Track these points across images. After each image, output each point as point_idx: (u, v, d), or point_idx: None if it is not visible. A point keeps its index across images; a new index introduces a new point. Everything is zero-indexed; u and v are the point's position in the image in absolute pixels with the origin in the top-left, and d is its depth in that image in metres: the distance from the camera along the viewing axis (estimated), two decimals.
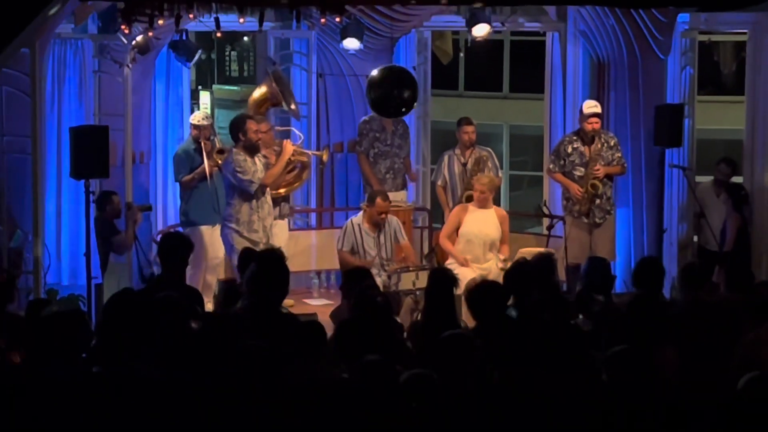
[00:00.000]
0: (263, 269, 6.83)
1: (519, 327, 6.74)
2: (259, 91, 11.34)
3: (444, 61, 14.22)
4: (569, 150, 10.88)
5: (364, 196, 11.41)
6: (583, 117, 10.84)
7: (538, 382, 5.58)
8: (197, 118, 11.22)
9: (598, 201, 10.82)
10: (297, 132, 11.11)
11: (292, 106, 11.33)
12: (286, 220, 11.11)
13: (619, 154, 10.91)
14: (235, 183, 9.91)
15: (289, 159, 10.37)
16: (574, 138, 10.94)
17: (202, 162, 10.85)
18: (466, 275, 9.80)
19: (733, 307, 6.92)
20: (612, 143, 10.90)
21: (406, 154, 11.87)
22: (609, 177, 10.92)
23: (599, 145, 10.82)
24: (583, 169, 10.81)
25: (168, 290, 6.72)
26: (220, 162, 10.68)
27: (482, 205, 10.56)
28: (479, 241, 10.45)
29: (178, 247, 7.89)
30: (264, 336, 6.05)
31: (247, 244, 9.62)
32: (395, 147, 11.65)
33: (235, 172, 9.86)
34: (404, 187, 11.82)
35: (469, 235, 10.48)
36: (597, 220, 10.86)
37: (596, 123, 10.79)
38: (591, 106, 10.87)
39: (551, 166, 11.06)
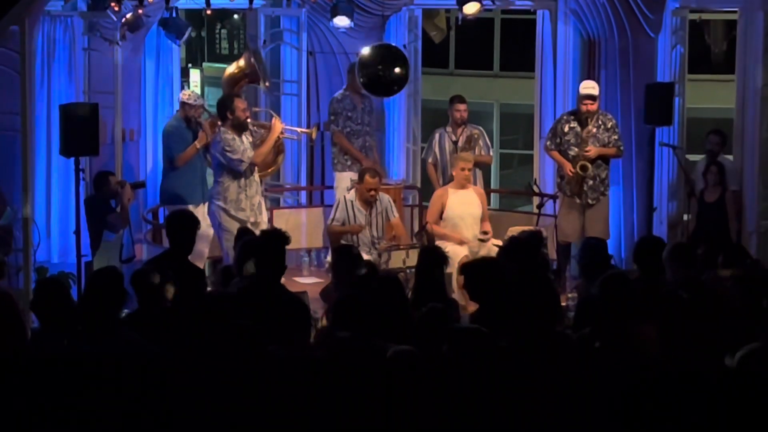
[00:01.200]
0: (268, 249, 6.90)
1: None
2: (236, 66, 11.23)
3: (436, 40, 14.19)
4: (566, 129, 10.84)
5: (334, 175, 11.42)
6: (579, 98, 10.78)
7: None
8: (191, 96, 11.08)
9: (591, 182, 10.78)
10: (271, 112, 11.01)
11: (266, 84, 11.27)
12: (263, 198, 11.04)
13: (616, 137, 10.84)
14: (224, 162, 9.86)
15: (278, 137, 10.34)
16: (571, 117, 10.89)
17: (195, 140, 10.75)
18: (457, 253, 9.83)
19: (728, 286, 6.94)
20: (609, 125, 10.83)
21: (377, 129, 11.79)
22: (604, 159, 10.87)
23: (594, 128, 10.77)
24: (576, 149, 10.79)
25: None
26: None
27: (463, 185, 10.55)
28: (465, 223, 10.45)
29: (188, 226, 7.91)
30: (264, 315, 6.10)
31: (235, 223, 9.63)
32: (365, 125, 11.57)
33: (224, 151, 9.82)
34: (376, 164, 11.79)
35: (455, 218, 10.47)
36: (589, 201, 10.82)
37: (590, 105, 10.72)
38: (585, 87, 10.80)
39: (548, 143, 11.02)
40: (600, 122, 10.80)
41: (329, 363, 5.45)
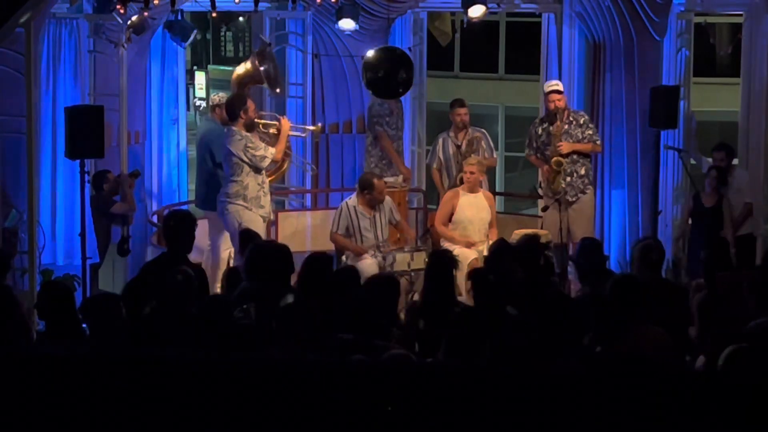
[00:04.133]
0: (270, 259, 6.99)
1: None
2: (243, 68, 11.22)
3: (443, 43, 14.17)
4: (539, 131, 10.94)
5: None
6: (545, 96, 10.89)
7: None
8: (222, 97, 10.96)
9: (569, 179, 10.79)
10: (276, 115, 10.99)
11: (277, 90, 11.23)
12: None
13: (590, 132, 10.87)
14: (246, 159, 9.79)
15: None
16: (543, 118, 10.98)
17: None
18: (465, 256, 9.82)
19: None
20: (581, 121, 10.88)
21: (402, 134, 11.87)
22: (583, 155, 10.88)
23: (566, 124, 10.81)
24: (551, 148, 10.87)
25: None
26: None
27: (472, 188, 10.56)
28: (474, 227, 10.45)
29: (186, 226, 7.91)
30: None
31: (257, 220, 9.64)
32: (399, 129, 11.65)
33: (247, 148, 9.77)
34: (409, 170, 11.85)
35: (464, 221, 10.48)
36: (569, 198, 10.79)
37: (558, 100, 10.78)
38: (550, 85, 10.95)
39: (526, 150, 11.13)
40: (571, 119, 10.85)
41: (332, 365, 5.44)
